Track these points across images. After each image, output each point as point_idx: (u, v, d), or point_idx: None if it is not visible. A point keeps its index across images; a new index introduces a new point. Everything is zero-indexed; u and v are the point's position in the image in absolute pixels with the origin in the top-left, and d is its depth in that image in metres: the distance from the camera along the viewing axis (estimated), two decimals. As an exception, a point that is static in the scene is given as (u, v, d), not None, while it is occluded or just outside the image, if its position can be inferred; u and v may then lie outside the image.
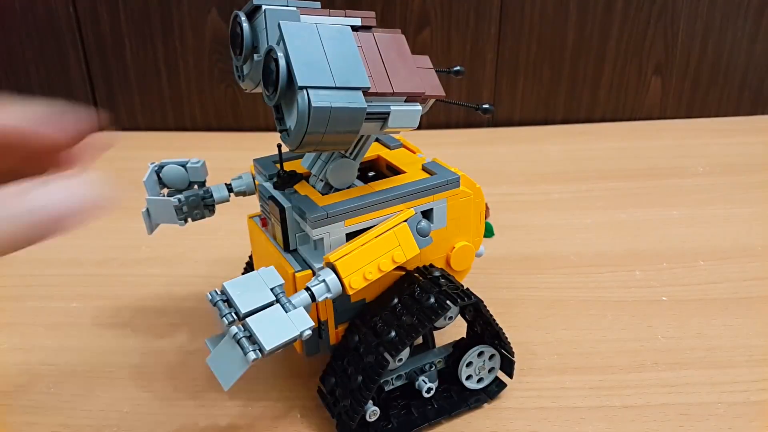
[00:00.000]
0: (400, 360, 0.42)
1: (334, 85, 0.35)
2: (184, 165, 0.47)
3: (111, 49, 0.95)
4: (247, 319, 0.36)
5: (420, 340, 0.45)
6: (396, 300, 0.42)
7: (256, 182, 0.47)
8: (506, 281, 0.59)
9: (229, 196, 0.48)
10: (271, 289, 0.37)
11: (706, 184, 0.76)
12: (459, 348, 0.45)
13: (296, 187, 0.43)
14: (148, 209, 0.47)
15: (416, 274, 0.43)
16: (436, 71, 0.42)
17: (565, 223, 0.69)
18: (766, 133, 0.91)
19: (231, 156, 0.88)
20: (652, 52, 0.94)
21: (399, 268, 0.42)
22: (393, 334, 0.40)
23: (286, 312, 0.36)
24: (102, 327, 0.55)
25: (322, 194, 0.42)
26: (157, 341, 0.53)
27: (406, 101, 0.38)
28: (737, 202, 0.72)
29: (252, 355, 0.35)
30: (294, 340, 0.36)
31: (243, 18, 0.38)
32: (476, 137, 0.94)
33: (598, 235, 0.66)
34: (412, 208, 0.41)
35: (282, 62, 0.35)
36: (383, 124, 0.38)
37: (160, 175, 0.47)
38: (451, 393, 0.45)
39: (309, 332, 0.36)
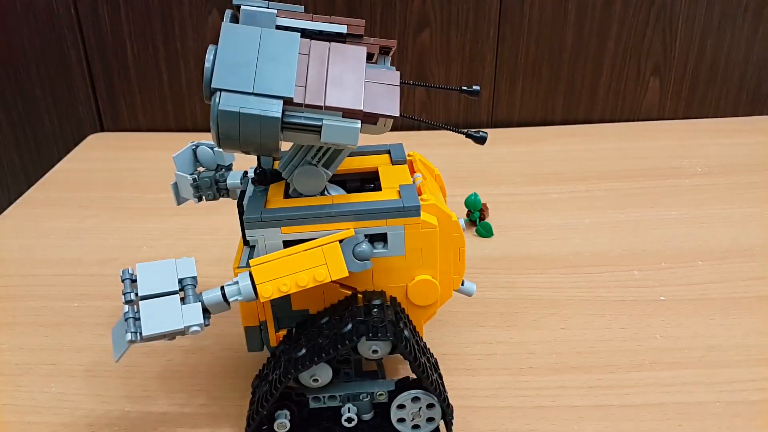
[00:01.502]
0: (316, 379, 0.41)
1: (250, 91, 0.35)
2: (212, 148, 0.49)
3: (112, 49, 0.95)
4: (140, 302, 0.37)
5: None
6: (327, 318, 0.41)
7: None
8: (505, 281, 0.59)
9: (240, 184, 0.49)
10: (181, 280, 0.38)
11: (705, 185, 0.76)
12: (398, 387, 0.42)
13: (272, 186, 0.43)
14: (177, 183, 0.49)
15: (359, 296, 0.41)
16: (449, 89, 0.41)
17: (563, 223, 0.69)
18: (765, 133, 0.91)
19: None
20: (650, 52, 0.94)
21: (346, 287, 0.42)
22: (303, 351, 0.39)
23: (184, 304, 0.37)
24: (102, 327, 0.55)
25: (286, 197, 0.42)
26: (156, 341, 0.53)
27: (343, 116, 0.36)
28: (735, 203, 0.72)
29: (129, 336, 0.36)
30: (177, 332, 0.37)
31: (227, 17, 0.38)
32: (475, 138, 0.94)
33: (597, 235, 0.66)
34: (359, 229, 0.39)
35: (208, 63, 0.35)
36: (320, 137, 0.37)
37: (197, 152, 0.49)
38: (382, 431, 0.42)
39: (197, 328, 0.37)
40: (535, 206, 0.73)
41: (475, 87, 0.43)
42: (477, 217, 0.68)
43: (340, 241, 0.38)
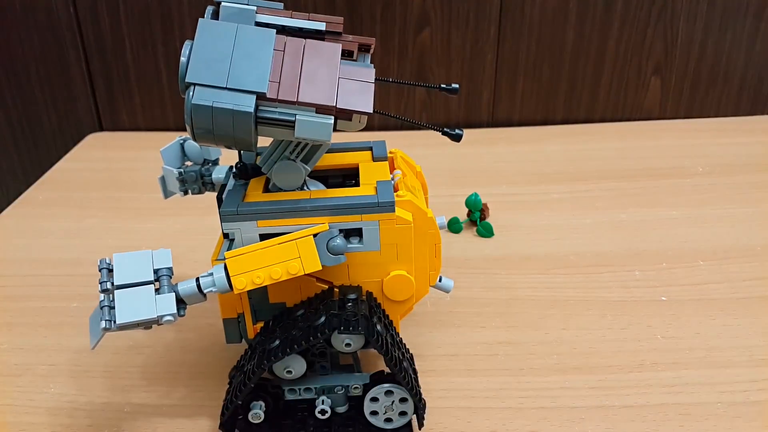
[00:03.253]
0: (289, 371, 0.41)
1: (223, 86, 0.36)
2: None
3: (111, 49, 0.95)
4: (115, 291, 0.38)
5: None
6: (302, 311, 0.41)
7: None
8: (506, 281, 0.59)
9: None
10: (156, 270, 0.39)
11: (706, 184, 0.76)
12: (372, 380, 0.42)
13: (253, 180, 0.44)
14: (164, 176, 0.50)
15: (335, 290, 0.42)
16: (430, 87, 0.41)
17: (564, 223, 0.69)
18: (766, 133, 0.91)
19: (231, 156, 0.88)
20: (651, 52, 0.94)
21: (322, 281, 0.42)
22: (276, 343, 0.39)
23: (158, 294, 0.38)
24: (102, 327, 0.55)
25: (266, 192, 0.42)
26: (157, 341, 0.53)
27: (316, 112, 0.37)
28: (737, 202, 0.72)
29: (103, 324, 0.37)
30: (150, 321, 0.37)
31: (208, 13, 0.39)
32: (476, 137, 0.94)
33: (598, 235, 0.66)
34: (334, 224, 0.40)
35: (183, 57, 0.36)
36: (294, 132, 0.37)
37: (184, 147, 0.50)
38: (356, 423, 0.43)
39: (169, 318, 0.37)
40: (535, 206, 0.73)
41: (454, 85, 0.43)
42: (477, 217, 0.68)
43: (315, 235, 0.38)
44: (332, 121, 0.37)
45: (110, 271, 0.39)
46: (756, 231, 0.66)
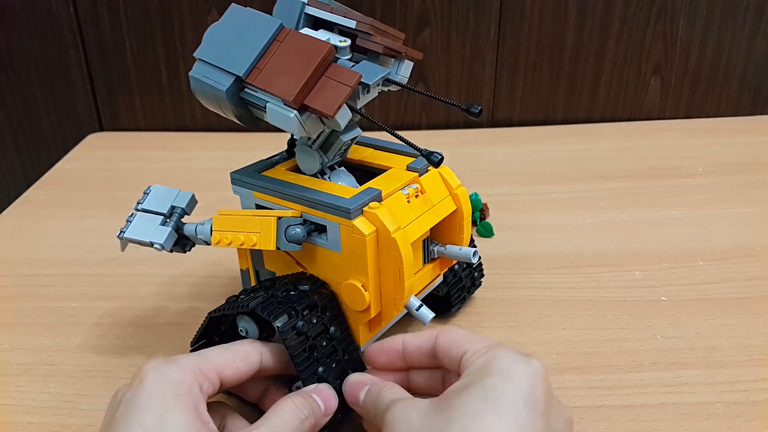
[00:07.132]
0: (242, 331, 0.43)
1: (215, 64, 0.39)
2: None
3: (111, 49, 0.95)
4: (137, 213, 0.46)
5: None
6: (267, 284, 0.44)
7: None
8: (506, 281, 0.59)
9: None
10: (173, 206, 0.47)
11: (706, 184, 0.76)
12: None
13: (294, 159, 0.47)
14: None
15: (299, 275, 0.44)
16: (452, 104, 0.42)
17: (564, 223, 0.69)
18: (766, 133, 0.91)
19: (231, 156, 0.88)
20: (651, 52, 0.94)
21: (300, 265, 0.45)
22: (230, 299, 0.43)
23: (164, 225, 0.46)
24: (102, 327, 0.55)
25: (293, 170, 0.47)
26: (157, 341, 0.53)
27: (284, 104, 0.38)
28: (737, 202, 0.72)
29: (118, 232, 0.46)
30: (146, 244, 0.45)
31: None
32: (476, 137, 0.94)
33: (598, 235, 0.66)
34: (306, 215, 0.42)
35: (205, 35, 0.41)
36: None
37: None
38: None
39: (158, 246, 0.45)
40: (535, 206, 0.73)
41: (473, 109, 0.41)
42: (477, 217, 0.68)
43: (279, 218, 0.41)
44: (293, 115, 0.38)
45: (147, 195, 0.47)
46: (756, 231, 0.66)
